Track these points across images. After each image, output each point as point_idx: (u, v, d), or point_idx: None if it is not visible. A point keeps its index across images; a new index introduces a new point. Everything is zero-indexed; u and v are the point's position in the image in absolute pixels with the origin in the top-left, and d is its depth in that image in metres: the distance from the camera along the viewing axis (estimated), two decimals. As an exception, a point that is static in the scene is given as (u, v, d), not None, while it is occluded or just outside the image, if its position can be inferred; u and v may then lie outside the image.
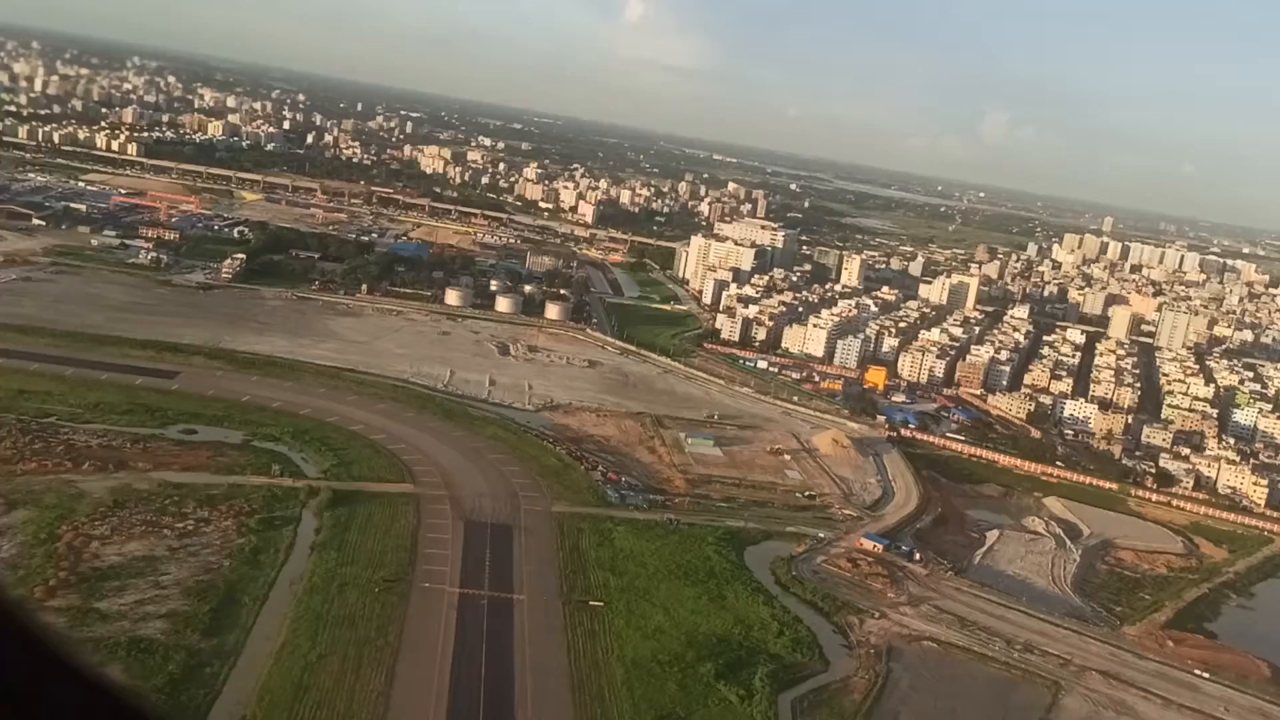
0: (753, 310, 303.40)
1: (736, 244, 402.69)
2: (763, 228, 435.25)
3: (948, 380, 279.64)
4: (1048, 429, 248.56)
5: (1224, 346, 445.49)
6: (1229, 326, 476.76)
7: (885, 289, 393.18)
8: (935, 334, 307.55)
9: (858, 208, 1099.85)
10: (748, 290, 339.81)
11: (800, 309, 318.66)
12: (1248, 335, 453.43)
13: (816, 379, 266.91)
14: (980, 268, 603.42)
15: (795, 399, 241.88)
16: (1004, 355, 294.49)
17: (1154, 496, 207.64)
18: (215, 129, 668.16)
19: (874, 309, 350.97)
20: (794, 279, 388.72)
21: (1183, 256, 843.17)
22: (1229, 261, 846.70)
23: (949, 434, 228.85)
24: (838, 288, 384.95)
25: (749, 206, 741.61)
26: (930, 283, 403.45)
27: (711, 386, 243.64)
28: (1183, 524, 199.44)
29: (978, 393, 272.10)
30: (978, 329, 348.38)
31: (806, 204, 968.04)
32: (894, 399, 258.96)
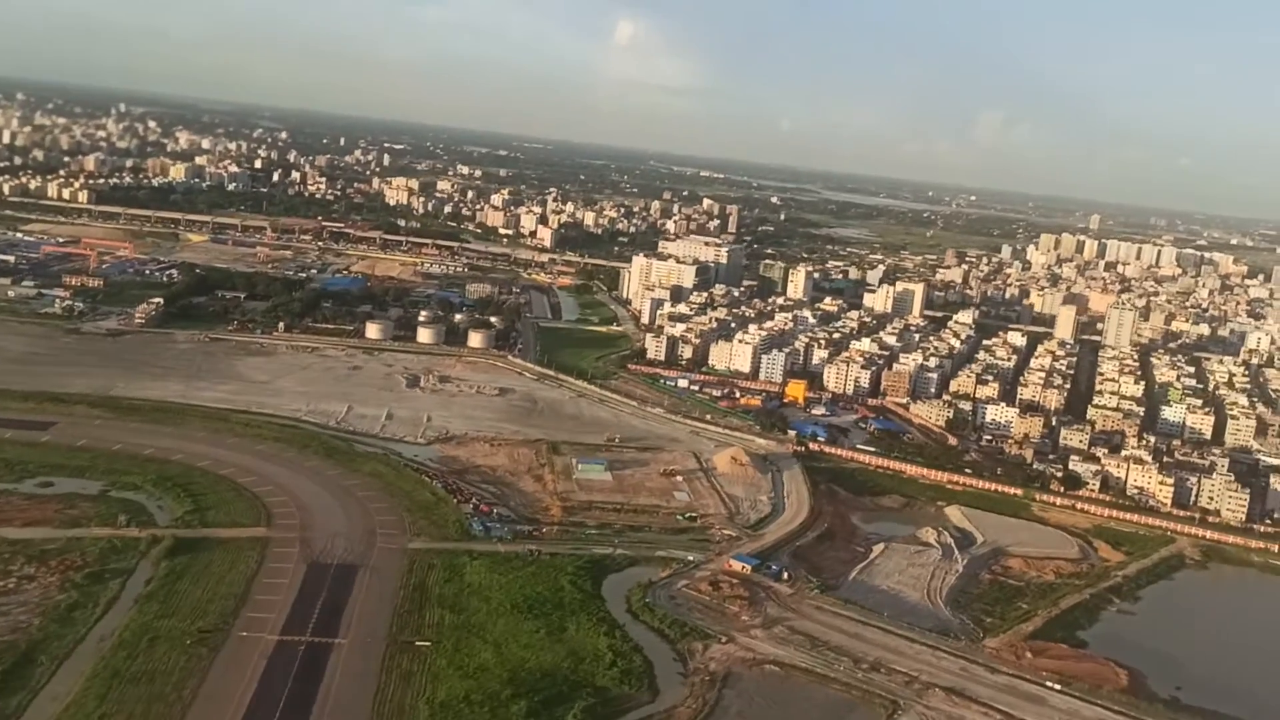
0: (679, 329, 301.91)
1: (679, 262, 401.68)
2: (706, 244, 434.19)
3: (874, 390, 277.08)
4: (965, 435, 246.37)
5: (1180, 341, 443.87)
6: (1188, 321, 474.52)
7: (828, 300, 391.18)
8: (866, 344, 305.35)
9: (838, 217, 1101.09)
10: (682, 308, 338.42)
11: (733, 325, 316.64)
12: (1205, 329, 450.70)
13: (737, 395, 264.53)
14: (947, 272, 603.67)
15: (709, 417, 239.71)
16: (933, 362, 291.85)
17: (1058, 501, 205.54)
18: (177, 172, 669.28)
19: (812, 321, 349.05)
20: (736, 294, 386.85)
21: (1160, 252, 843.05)
22: (1206, 255, 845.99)
23: (858, 446, 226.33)
24: (780, 300, 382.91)
25: (716, 223, 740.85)
26: (874, 291, 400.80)
27: (624, 408, 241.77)
28: (1085, 527, 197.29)
29: (903, 401, 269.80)
30: (918, 335, 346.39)
31: (783, 216, 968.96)
32: (814, 411, 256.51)
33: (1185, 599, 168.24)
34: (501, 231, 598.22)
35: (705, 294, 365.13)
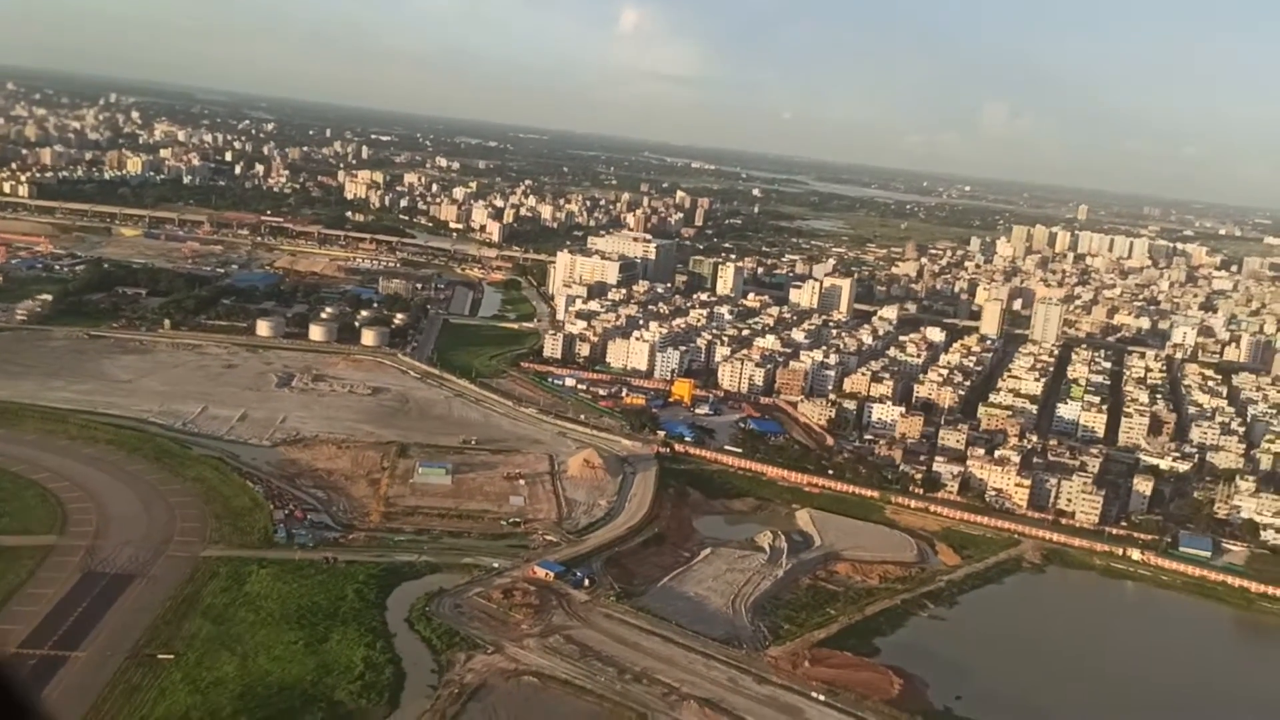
0: (579, 326, 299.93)
1: (603, 258, 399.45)
2: (634, 240, 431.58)
3: (769, 389, 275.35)
4: (845, 435, 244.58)
5: (1119, 335, 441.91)
6: (1130, 314, 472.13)
7: (752, 295, 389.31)
8: (770, 341, 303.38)
9: (816, 209, 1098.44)
10: (593, 305, 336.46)
11: (641, 322, 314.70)
12: (1145, 323, 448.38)
13: (624, 394, 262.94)
14: (902, 265, 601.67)
15: (583, 417, 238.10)
16: (833, 359, 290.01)
17: (912, 504, 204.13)
18: (135, 165, 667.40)
19: (728, 317, 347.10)
20: (660, 290, 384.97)
21: (1132, 243, 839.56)
22: (1178, 246, 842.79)
23: (726, 447, 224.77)
24: (703, 297, 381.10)
25: (679, 216, 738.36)
26: (800, 287, 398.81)
27: (498, 409, 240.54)
28: (934, 530, 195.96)
29: (797, 399, 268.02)
30: (834, 331, 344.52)
31: (756, 209, 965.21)
32: (698, 411, 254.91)
33: (1006, 604, 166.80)
34: (453, 226, 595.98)
35: (622, 291, 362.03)
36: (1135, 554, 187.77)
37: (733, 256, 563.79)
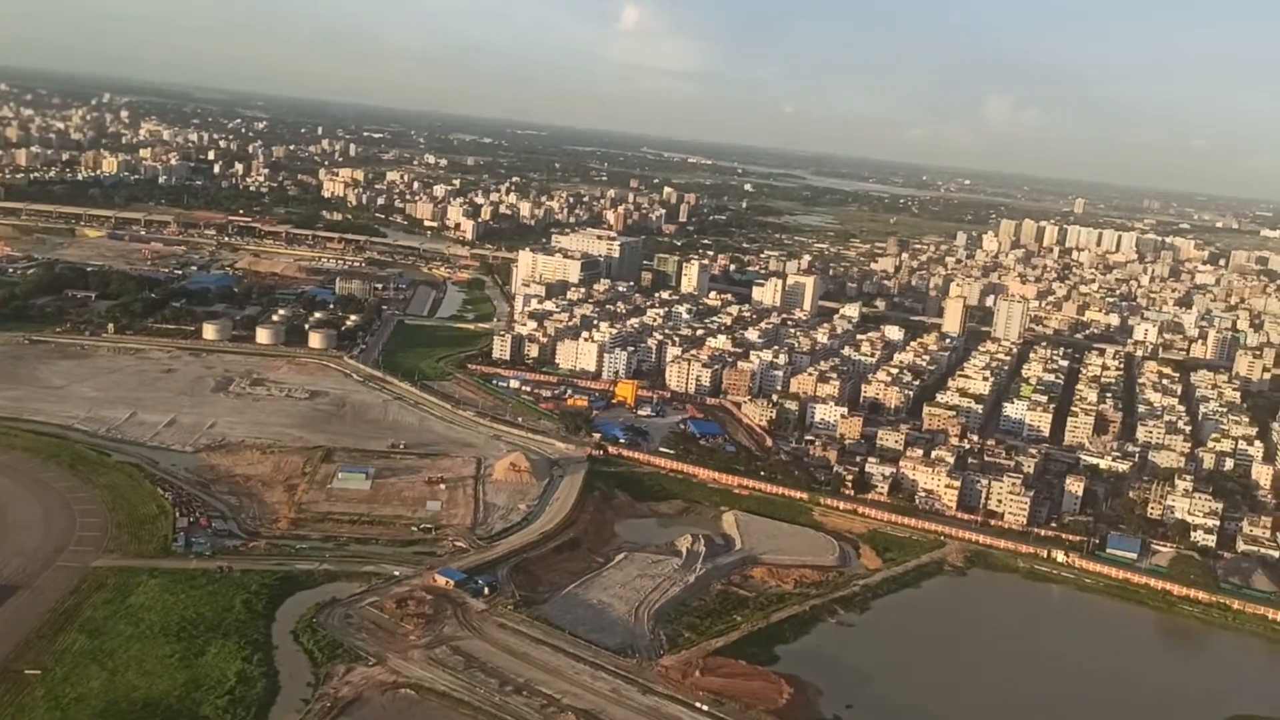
0: (527, 327, 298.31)
1: (566, 256, 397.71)
2: (599, 238, 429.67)
3: (715, 389, 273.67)
4: (785, 436, 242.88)
5: (1087, 331, 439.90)
6: (1101, 311, 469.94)
7: (714, 294, 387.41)
8: (720, 341, 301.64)
9: (808, 205, 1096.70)
10: (548, 305, 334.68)
11: (595, 322, 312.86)
12: (1115, 320, 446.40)
13: (569, 395, 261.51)
14: (881, 261, 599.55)
15: (520, 420, 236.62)
16: (782, 360, 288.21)
17: (841, 505, 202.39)
18: (110, 165, 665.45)
19: (685, 317, 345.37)
20: (622, 289, 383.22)
21: (1120, 237, 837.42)
22: (1167, 240, 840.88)
23: (661, 449, 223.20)
24: (664, 295, 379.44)
25: (661, 213, 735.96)
26: (763, 285, 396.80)
27: (436, 411, 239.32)
28: (860, 533, 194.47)
29: (744, 400, 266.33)
30: (794, 330, 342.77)
31: (745, 205, 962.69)
32: (640, 413, 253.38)
33: (919, 609, 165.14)
34: (428, 224, 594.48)
35: (581, 290, 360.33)
36: (1060, 556, 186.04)
37: (709, 253, 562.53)
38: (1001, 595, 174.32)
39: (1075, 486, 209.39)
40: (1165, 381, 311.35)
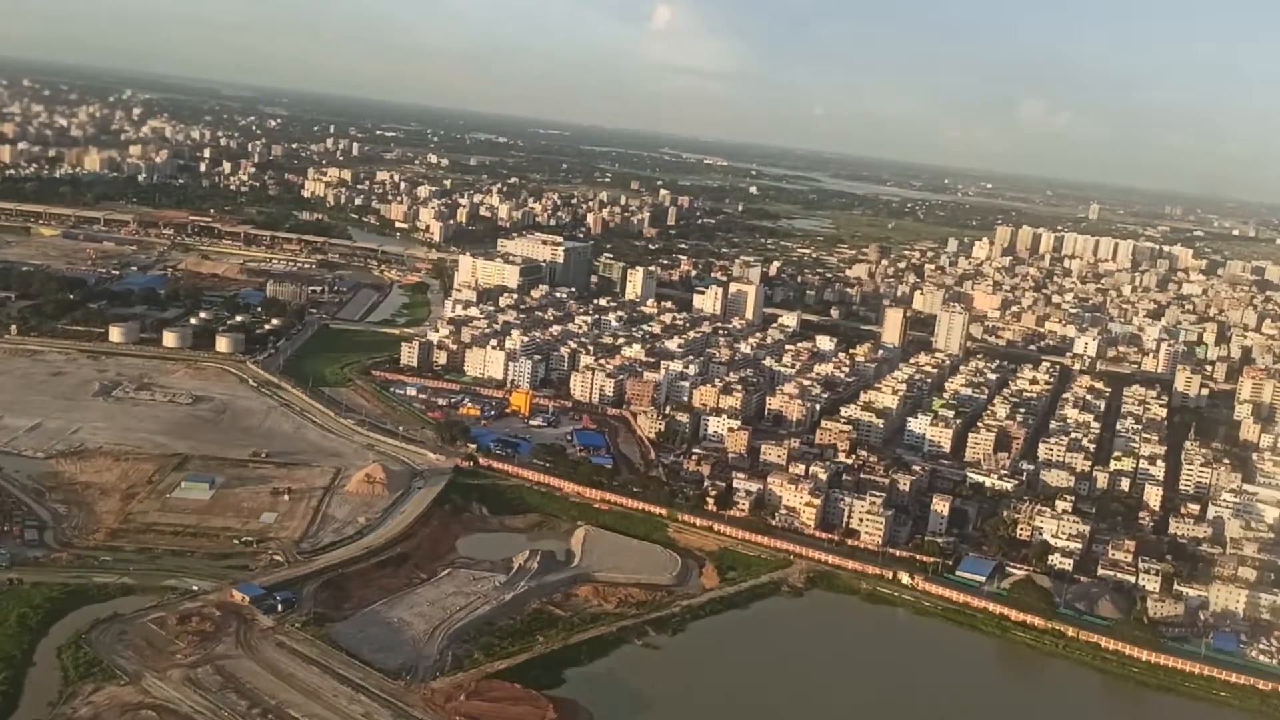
0: (438, 334, 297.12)
1: (506, 261, 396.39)
2: (543, 243, 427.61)
3: (619, 400, 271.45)
4: (672, 449, 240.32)
5: (1040, 343, 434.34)
6: (1060, 322, 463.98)
7: (650, 302, 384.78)
8: (635, 350, 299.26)
9: (810, 208, 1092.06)
10: (472, 311, 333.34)
11: (509, 329, 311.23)
12: (1071, 331, 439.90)
13: (465, 403, 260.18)
14: (854, 268, 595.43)
15: (402, 429, 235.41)
16: (693, 370, 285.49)
17: (698, 522, 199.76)
18: (92, 163, 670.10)
19: (615, 325, 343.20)
20: (562, 295, 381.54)
21: (1116, 245, 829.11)
22: (1164, 248, 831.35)
23: (534, 461, 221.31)
24: (600, 302, 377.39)
25: (641, 217, 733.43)
26: (704, 293, 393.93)
27: (317, 419, 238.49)
28: (711, 550, 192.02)
29: (645, 410, 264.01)
30: (723, 339, 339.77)
31: (740, 207, 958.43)
32: (532, 423, 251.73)
33: (737, 632, 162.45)
34: (399, 225, 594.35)
35: (514, 297, 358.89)
36: (905, 578, 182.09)
37: (681, 258, 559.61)
38: (829, 619, 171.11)
39: (941, 506, 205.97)
40: (1090, 397, 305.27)
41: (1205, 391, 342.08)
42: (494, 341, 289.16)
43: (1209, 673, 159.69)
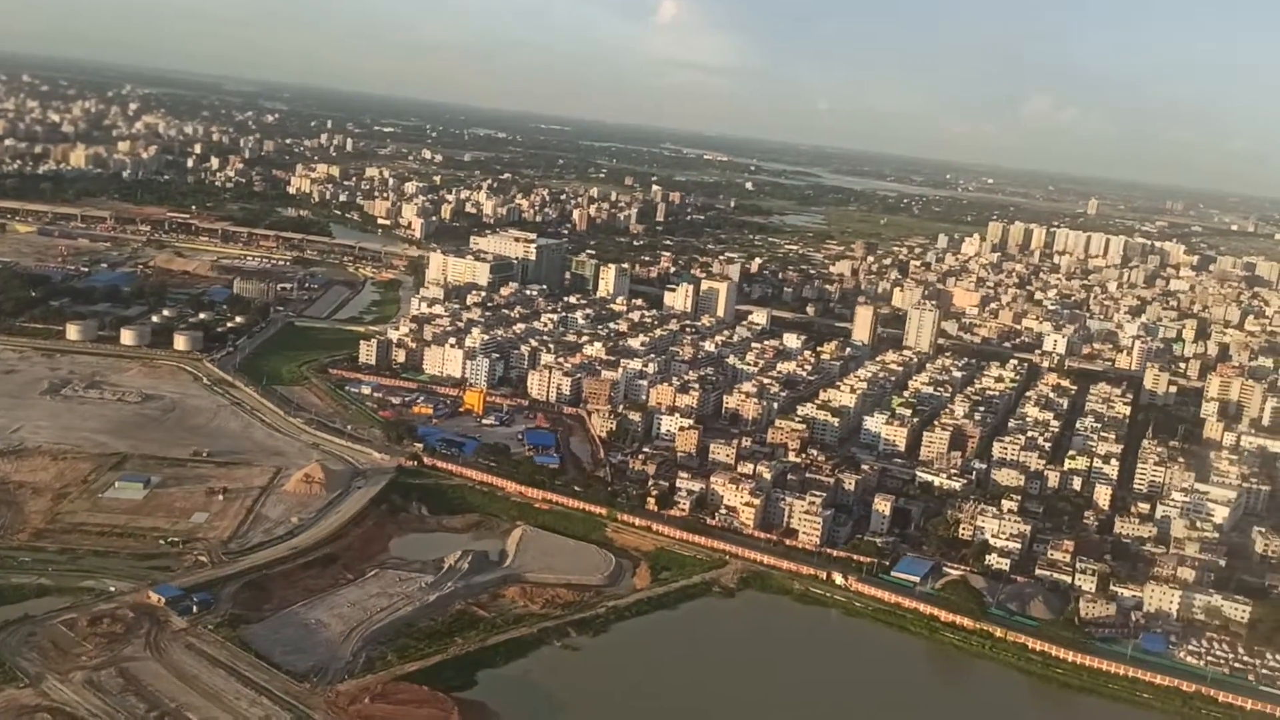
0: (397, 332, 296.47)
1: (477, 259, 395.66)
2: (515, 240, 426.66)
3: (576, 399, 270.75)
4: (622, 448, 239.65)
5: (1017, 340, 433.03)
6: (1037, 319, 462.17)
7: (620, 299, 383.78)
8: (596, 348, 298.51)
9: (804, 204, 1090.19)
10: (437, 309, 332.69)
11: (470, 327, 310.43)
12: (1048, 328, 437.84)
13: (419, 402, 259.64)
14: (836, 265, 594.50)
15: (350, 428, 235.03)
16: (652, 369, 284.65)
17: (637, 521, 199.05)
18: (78, 159, 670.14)
19: (582, 322, 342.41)
20: (532, 293, 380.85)
21: (1108, 241, 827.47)
22: (1155, 244, 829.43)
23: (479, 459, 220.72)
24: (569, 300, 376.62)
25: (627, 214, 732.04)
26: (674, 290, 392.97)
27: (266, 418, 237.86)
28: (648, 550, 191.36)
29: (603, 409, 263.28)
30: (689, 337, 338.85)
31: (732, 204, 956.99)
32: (485, 421, 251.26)
33: (661, 634, 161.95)
34: (381, 221, 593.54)
35: (481, 294, 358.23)
36: (839, 579, 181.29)
37: (665, 255, 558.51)
38: (757, 620, 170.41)
39: (882, 506, 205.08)
40: (1053, 395, 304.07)
41: (1174, 389, 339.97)
42: (452, 340, 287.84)
43: (1134, 674, 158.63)
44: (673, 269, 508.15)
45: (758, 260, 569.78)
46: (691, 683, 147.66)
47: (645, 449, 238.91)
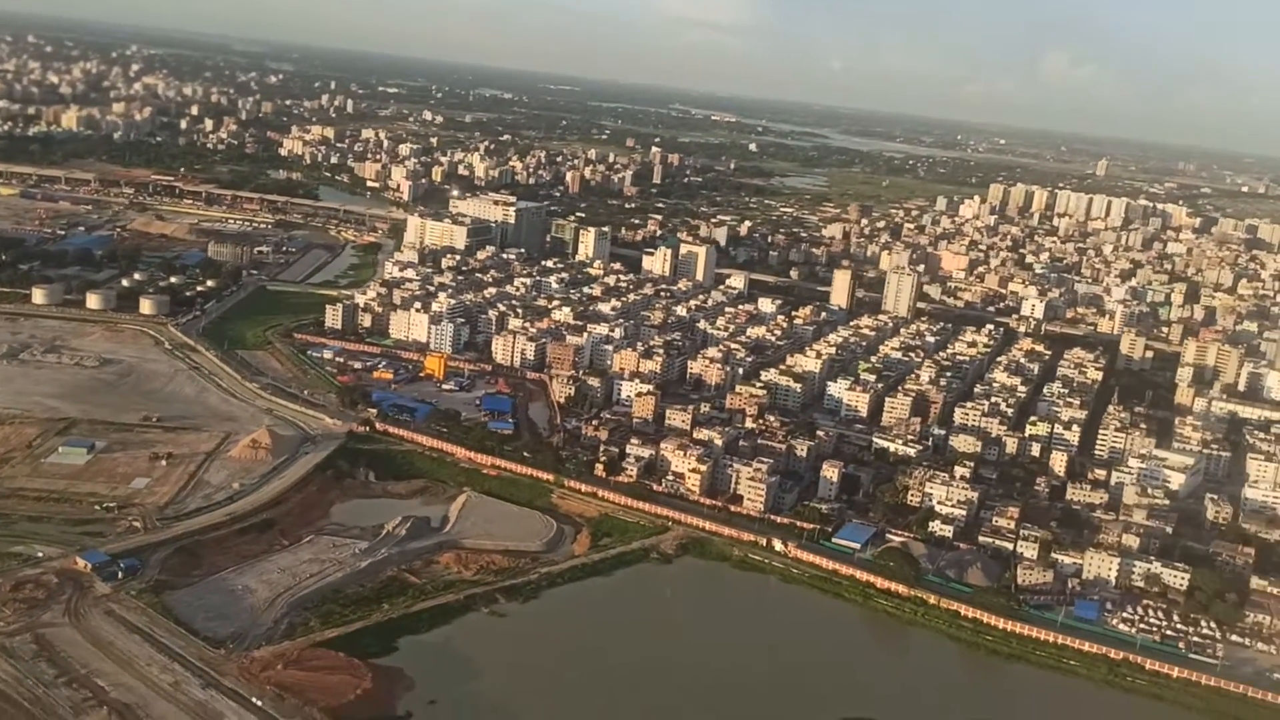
0: (364, 297, 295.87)
1: (455, 222, 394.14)
2: (495, 203, 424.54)
3: (540, 364, 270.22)
4: (580, 413, 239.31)
5: (1003, 304, 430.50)
6: (1023, 283, 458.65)
7: (598, 263, 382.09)
8: (564, 313, 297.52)
9: (807, 166, 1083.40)
10: (409, 273, 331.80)
11: (447, 291, 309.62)
12: (1033, 292, 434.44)
13: (381, 366, 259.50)
14: (829, 228, 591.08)
15: (306, 393, 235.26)
16: (618, 334, 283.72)
17: (583, 488, 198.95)
18: (69, 120, 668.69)
19: (556, 287, 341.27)
20: (508, 257, 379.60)
21: (1109, 202, 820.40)
22: (1158, 206, 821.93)
23: (433, 425, 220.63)
24: (547, 264, 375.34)
25: (621, 175, 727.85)
26: (652, 254, 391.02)
27: (224, 383, 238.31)
28: (592, 516, 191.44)
29: (568, 374, 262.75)
30: (664, 302, 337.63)
31: (732, 165, 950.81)
32: (445, 387, 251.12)
33: (591, 601, 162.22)
34: (370, 184, 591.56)
35: (455, 258, 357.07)
36: (779, 545, 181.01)
37: (657, 218, 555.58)
38: (690, 586, 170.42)
39: (830, 472, 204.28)
40: (1025, 360, 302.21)
41: (1150, 355, 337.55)
42: (418, 305, 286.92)
43: (1063, 641, 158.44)
44: (659, 232, 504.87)
45: (747, 223, 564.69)
46: (612, 649, 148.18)
47: (603, 414, 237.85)
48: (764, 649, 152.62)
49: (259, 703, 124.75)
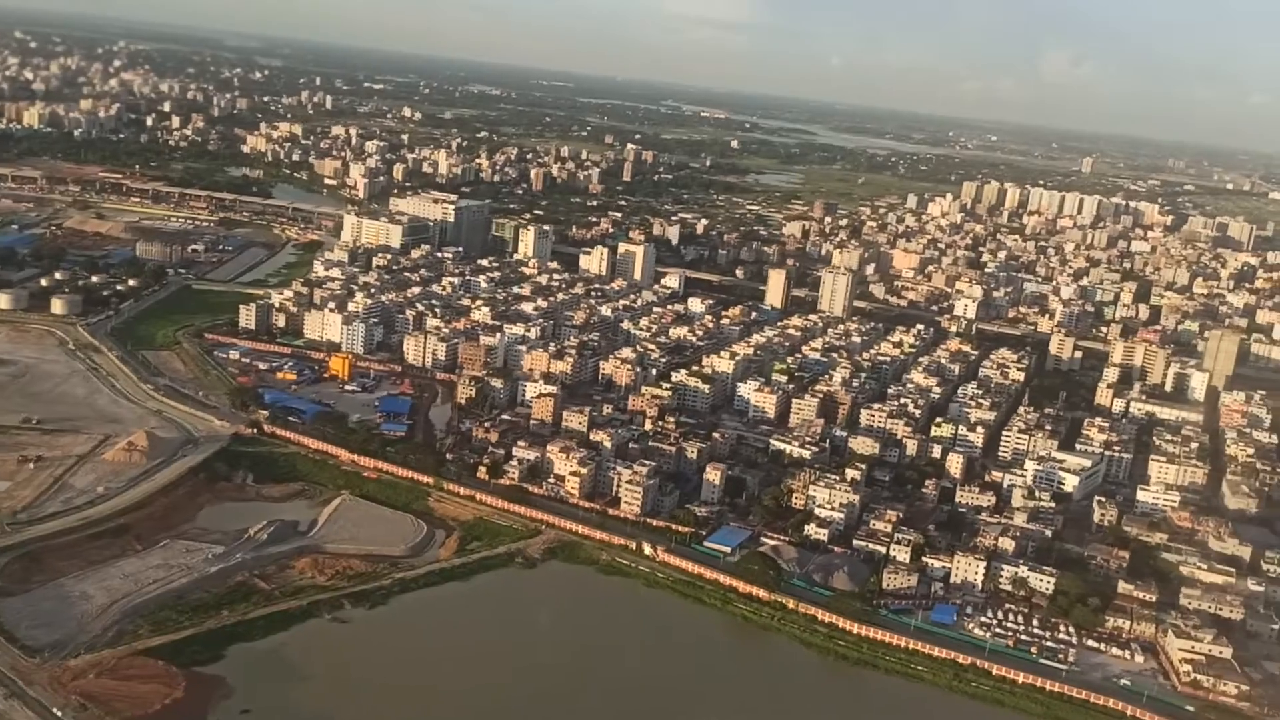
0: (279, 296, 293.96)
1: (391, 221, 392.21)
2: (434, 201, 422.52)
3: (452, 365, 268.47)
4: (478, 414, 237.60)
5: (947, 303, 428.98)
6: (969, 282, 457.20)
7: (533, 262, 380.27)
8: (483, 313, 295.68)
9: (787, 163, 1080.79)
10: (334, 272, 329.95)
11: (374, 290, 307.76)
12: (978, 292, 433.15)
13: (285, 367, 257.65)
14: (789, 226, 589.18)
15: (201, 395, 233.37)
16: (534, 334, 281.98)
17: (461, 491, 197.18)
18: (31, 117, 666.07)
19: (485, 286, 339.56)
20: (444, 256, 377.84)
21: (1081, 200, 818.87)
22: (1129, 204, 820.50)
23: (317, 427, 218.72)
24: (483, 263, 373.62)
25: (588, 173, 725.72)
26: (590, 253, 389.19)
27: (118, 384, 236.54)
28: (466, 520, 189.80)
29: (479, 375, 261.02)
30: (591, 301, 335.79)
31: (708, 163, 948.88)
32: (346, 388, 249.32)
33: (445, 606, 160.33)
34: (328, 181, 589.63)
35: (387, 256, 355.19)
36: (648, 549, 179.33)
37: (605, 217, 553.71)
38: (548, 592, 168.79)
39: (713, 475, 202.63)
40: (946, 361, 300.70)
41: (1079, 355, 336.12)
42: (331, 304, 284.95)
43: (914, 646, 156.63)
44: (610, 230, 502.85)
45: (704, 222, 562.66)
46: (448, 657, 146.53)
47: (503, 416, 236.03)
48: (607, 655, 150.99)
49: (58, 713, 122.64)
